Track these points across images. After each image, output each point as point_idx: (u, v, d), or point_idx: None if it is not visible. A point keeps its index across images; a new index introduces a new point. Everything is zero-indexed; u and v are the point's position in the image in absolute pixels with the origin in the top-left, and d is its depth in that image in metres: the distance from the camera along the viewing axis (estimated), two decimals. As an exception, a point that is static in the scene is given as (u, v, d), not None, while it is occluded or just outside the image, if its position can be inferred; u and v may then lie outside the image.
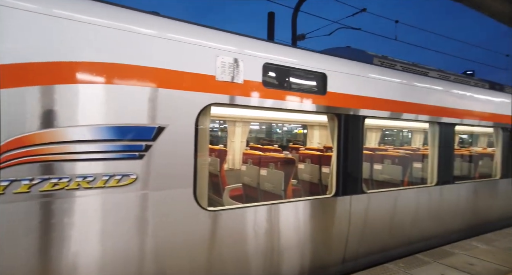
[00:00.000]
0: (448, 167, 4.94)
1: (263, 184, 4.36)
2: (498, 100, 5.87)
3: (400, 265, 3.73)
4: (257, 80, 3.05)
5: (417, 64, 5.08)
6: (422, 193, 4.64)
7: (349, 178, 3.75)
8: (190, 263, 2.69)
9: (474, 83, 5.85)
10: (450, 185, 4.97)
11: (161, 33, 2.55)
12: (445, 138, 4.89)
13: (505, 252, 4.30)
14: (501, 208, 6.05)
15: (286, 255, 3.27)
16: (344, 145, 3.71)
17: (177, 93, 2.59)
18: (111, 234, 2.36)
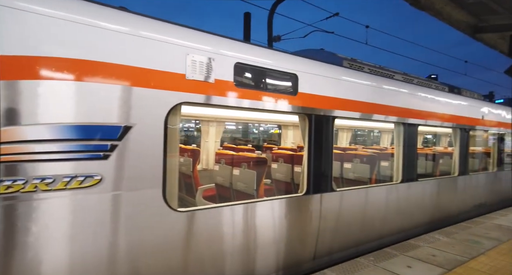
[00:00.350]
0: (412, 165, 5.19)
1: (235, 183, 4.38)
2: (456, 103, 6.26)
3: (370, 259, 3.91)
4: (229, 80, 3.05)
5: (384, 68, 5.30)
6: (388, 190, 4.85)
7: (319, 176, 3.85)
8: (162, 265, 2.65)
9: (435, 86, 6.17)
10: (413, 182, 5.24)
11: (127, 29, 2.47)
12: (409, 137, 5.13)
13: (463, 243, 4.65)
14: (460, 202, 6.45)
15: (257, 254, 3.30)
16: (315, 145, 3.80)
17: (145, 91, 2.52)
18: (75, 238, 2.25)
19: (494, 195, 7.69)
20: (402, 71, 5.70)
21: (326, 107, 3.91)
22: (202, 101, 2.87)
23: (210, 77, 2.90)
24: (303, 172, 3.81)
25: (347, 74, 4.28)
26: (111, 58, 2.38)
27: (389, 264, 3.77)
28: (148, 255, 2.58)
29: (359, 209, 4.40)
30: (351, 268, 3.63)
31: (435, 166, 6.99)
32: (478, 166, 7.63)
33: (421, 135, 11.11)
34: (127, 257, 2.47)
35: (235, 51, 3.12)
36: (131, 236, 2.48)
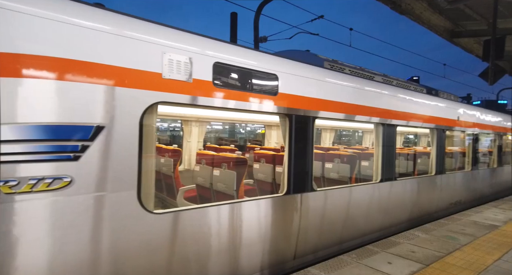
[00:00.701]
0: (391, 165, 5.30)
1: (215, 184, 4.34)
2: (433, 104, 6.43)
3: (353, 256, 4.02)
4: (207, 80, 3.01)
5: (364, 69, 5.41)
6: (368, 189, 4.93)
7: (299, 176, 3.86)
8: (137, 268, 2.59)
9: (414, 88, 6.35)
10: (392, 181, 5.35)
11: (100, 26, 2.39)
12: (388, 138, 5.23)
13: (440, 239, 4.85)
14: (437, 200, 6.65)
15: (237, 256, 3.28)
16: (295, 145, 3.81)
17: (119, 90, 2.45)
18: (42, 244, 2.15)
19: (470, 193, 7.94)
20: (382, 73, 5.82)
21: (306, 107, 3.93)
22: (180, 101, 2.82)
23: (188, 77, 2.86)
24: (283, 172, 3.81)
25: (327, 75, 4.31)
26: (82, 56, 2.30)
27: (371, 261, 3.89)
28: (125, 259, 2.51)
29: (340, 208, 4.45)
30: (334, 265, 3.72)
31: (413, 165, 7.16)
32: (455, 165, 7.92)
33: (402, 135, 11.40)
34: (102, 261, 2.40)
35: (214, 51, 3.09)
36: (105, 240, 2.41)
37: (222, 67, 3.14)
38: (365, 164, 6.23)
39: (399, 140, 11.27)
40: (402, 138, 11.55)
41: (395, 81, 5.92)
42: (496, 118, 9.25)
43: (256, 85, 3.45)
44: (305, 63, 4.07)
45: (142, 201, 2.59)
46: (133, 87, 2.53)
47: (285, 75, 3.69)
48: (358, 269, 3.63)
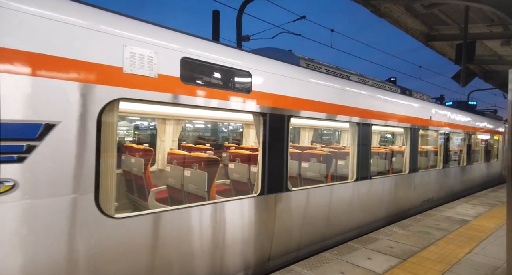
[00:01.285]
0: (366, 164, 5.34)
1: (186, 185, 4.17)
2: (407, 104, 6.57)
3: (334, 253, 4.12)
4: (175, 75, 2.83)
5: (340, 68, 5.42)
6: (343, 188, 4.94)
7: (274, 176, 3.77)
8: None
9: (389, 88, 6.47)
10: (367, 180, 5.39)
11: (51, 14, 2.16)
12: (363, 137, 5.26)
13: (417, 234, 5.06)
14: (410, 198, 6.79)
15: (209, 259, 3.16)
16: (269, 144, 3.71)
17: (72, 85, 2.23)
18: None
19: (442, 190, 8.20)
20: (358, 72, 5.91)
21: (281, 106, 3.84)
22: (144, 97, 2.63)
23: (153, 72, 2.67)
24: (257, 173, 3.70)
25: (303, 73, 4.24)
26: (26, 46, 2.06)
27: (351, 257, 4.00)
28: (85, 267, 2.34)
29: (315, 208, 4.41)
30: (317, 263, 3.79)
31: (388, 164, 7.27)
32: (427, 163, 8.14)
33: (379, 135, 11.67)
34: (54, 270, 2.21)
35: (182, 45, 2.91)
36: (58, 249, 2.21)
37: (191, 62, 2.97)
38: (342, 163, 6.28)
39: (376, 139, 11.51)
40: (379, 137, 11.80)
41: (370, 81, 5.99)
42: (466, 118, 9.57)
43: (228, 82, 3.30)
44: (280, 61, 3.99)
45: (100, 205, 2.40)
46: (89, 82, 2.32)
47: (259, 73, 3.57)
48: (340, 265, 3.72)
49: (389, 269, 3.66)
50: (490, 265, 3.87)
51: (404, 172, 6.66)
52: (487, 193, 9.43)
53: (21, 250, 2.07)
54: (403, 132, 6.83)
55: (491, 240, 4.84)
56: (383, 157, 7.27)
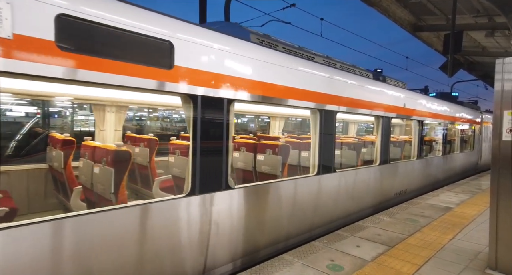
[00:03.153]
0: (329, 155, 4.81)
1: (96, 185, 3.48)
2: (379, 90, 6.01)
3: (324, 242, 4.16)
4: (46, 38, 2.10)
5: (303, 48, 4.91)
6: (301, 184, 4.37)
7: (209, 173, 3.15)
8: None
9: (359, 72, 5.96)
10: (330, 173, 4.84)
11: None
12: (326, 125, 4.69)
13: (403, 222, 5.18)
14: (381, 192, 6.32)
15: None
16: (203, 134, 3.09)
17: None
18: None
19: (416, 182, 7.82)
20: (325, 54, 5.42)
21: (219, 87, 3.20)
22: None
23: (2, 30, 1.93)
24: (188, 168, 3.06)
25: (252, 49, 3.63)
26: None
27: (340, 245, 4.05)
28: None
29: (265, 208, 3.85)
30: (307, 251, 3.82)
31: (356, 155, 6.69)
32: (400, 154, 7.83)
33: (355, 124, 11.19)
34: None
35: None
36: None
37: (74, 22, 2.21)
38: (305, 154, 5.78)
39: (353, 129, 11.05)
40: (356, 127, 11.23)
41: (338, 64, 5.52)
42: (443, 107, 9.21)
43: (136, 53, 2.56)
44: (218, 32, 3.30)
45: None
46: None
47: (185, 45, 2.88)
48: (330, 253, 3.76)
49: (377, 256, 3.73)
50: (472, 250, 4.01)
51: (375, 164, 6.22)
52: (469, 181, 9.76)
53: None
54: (374, 121, 6.33)
55: (473, 226, 5.01)
56: (351, 147, 6.74)
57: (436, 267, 3.48)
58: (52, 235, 2.19)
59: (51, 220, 2.18)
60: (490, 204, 3.39)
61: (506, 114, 3.29)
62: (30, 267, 2.12)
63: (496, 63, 3.39)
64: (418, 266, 3.48)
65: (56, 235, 2.21)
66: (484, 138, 13.32)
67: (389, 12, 8.61)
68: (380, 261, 3.59)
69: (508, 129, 3.26)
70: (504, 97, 3.31)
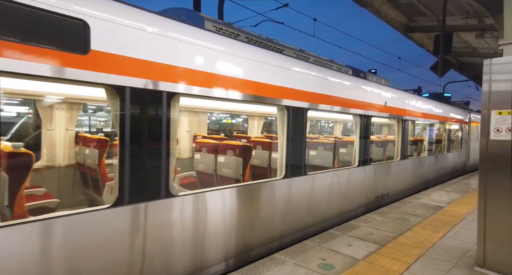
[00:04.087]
0: (299, 157, 4.38)
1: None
2: (358, 87, 5.64)
3: (316, 241, 4.17)
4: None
5: (272, 40, 4.60)
6: (263, 189, 3.88)
7: (142, 179, 2.67)
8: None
9: (337, 68, 5.64)
10: (300, 177, 4.40)
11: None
12: (296, 124, 4.29)
13: (395, 221, 5.23)
14: (363, 194, 5.95)
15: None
16: (134, 133, 2.61)
17: None
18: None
19: (399, 184, 7.38)
20: (298, 47, 5.07)
21: (157, 78, 2.73)
22: None
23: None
24: (115, 174, 2.62)
25: (204, 38, 3.17)
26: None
27: (332, 244, 4.07)
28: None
29: (216, 218, 3.34)
30: (299, 250, 3.83)
31: (333, 156, 6.31)
32: (382, 155, 7.50)
33: (341, 124, 10.85)
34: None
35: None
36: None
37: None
38: (266, 156, 5.40)
39: (339, 129, 10.67)
40: (342, 126, 10.70)
41: (312, 58, 5.16)
42: (430, 106, 8.81)
43: (37, 33, 2.09)
44: (157, 15, 2.86)
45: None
46: None
47: (107, 26, 2.42)
48: (321, 253, 3.78)
49: (368, 255, 3.76)
50: (462, 248, 4.06)
51: (353, 165, 5.76)
52: (460, 181, 9.89)
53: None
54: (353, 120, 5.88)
55: (463, 225, 5.08)
56: (327, 148, 6.27)
57: (426, 265, 3.52)
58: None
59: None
60: (478, 202, 3.45)
61: (493, 114, 3.34)
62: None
63: (484, 64, 3.44)
64: (408, 265, 3.52)
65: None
66: (472, 138, 13.02)
67: (381, 13, 8.69)
68: (371, 260, 3.62)
69: (495, 129, 3.32)
70: (491, 97, 3.36)
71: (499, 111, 3.30)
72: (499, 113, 3.30)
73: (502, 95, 3.28)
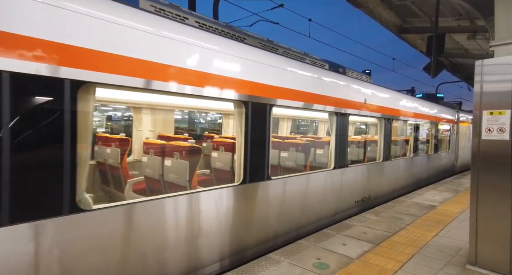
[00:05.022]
0: (260, 160, 3.85)
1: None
2: (333, 82, 5.14)
3: (311, 240, 4.19)
4: None
5: (232, 27, 4.17)
6: (213, 198, 3.33)
7: (30, 189, 2.05)
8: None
9: (311, 61, 5.23)
10: (263, 182, 3.88)
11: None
12: (255, 122, 3.76)
13: (388, 220, 5.28)
14: (340, 200, 5.53)
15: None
16: (17, 131, 2.00)
17: None
18: None
19: (382, 187, 6.98)
20: (265, 37, 4.64)
21: (53, 61, 2.11)
22: None
23: None
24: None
25: (133, 17, 2.61)
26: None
27: (327, 244, 4.09)
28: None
29: (141, 237, 2.69)
30: (293, 250, 3.84)
31: (304, 158, 5.66)
32: (362, 156, 7.12)
33: (325, 123, 10.00)
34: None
35: None
36: None
37: None
38: (219, 159, 4.96)
39: (324, 128, 9.99)
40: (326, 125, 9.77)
41: (281, 49, 4.73)
42: (415, 104, 8.35)
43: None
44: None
45: None
46: None
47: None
48: (316, 252, 3.80)
49: (363, 254, 3.79)
50: (454, 247, 4.12)
51: (329, 168, 5.26)
52: (452, 180, 10.02)
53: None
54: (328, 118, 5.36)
55: (455, 224, 5.15)
56: (299, 149, 5.62)
57: (419, 264, 3.56)
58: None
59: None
60: (470, 201, 3.50)
61: (485, 114, 3.39)
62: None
63: (476, 65, 3.49)
64: (402, 263, 3.55)
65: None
66: (461, 138, 12.70)
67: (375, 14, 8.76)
68: (366, 259, 3.64)
69: (487, 129, 3.37)
70: (483, 98, 3.41)
71: (491, 112, 3.35)
72: (490, 113, 3.36)
73: (494, 95, 3.33)
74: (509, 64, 3.24)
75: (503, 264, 3.27)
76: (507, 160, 3.23)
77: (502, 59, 3.34)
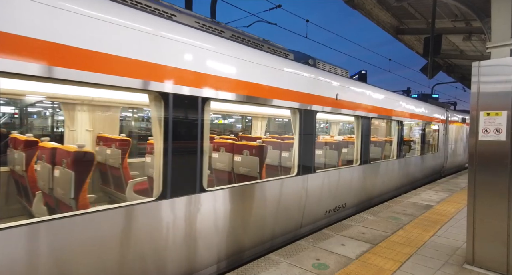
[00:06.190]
0: (192, 167, 3.08)
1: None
2: (298, 75, 4.45)
3: (310, 241, 4.20)
4: None
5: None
6: (170, 208, 2.88)
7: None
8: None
9: (270, 49, 4.59)
10: (212, 192, 3.29)
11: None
12: (183, 121, 2.98)
13: (386, 220, 5.30)
14: (306, 210, 4.75)
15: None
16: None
17: None
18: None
19: (359, 193, 6.26)
20: (211, 18, 4.08)
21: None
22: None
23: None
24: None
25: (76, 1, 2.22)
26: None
27: (326, 244, 4.10)
28: None
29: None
30: (293, 250, 3.84)
31: (258, 163, 4.62)
32: (335, 160, 6.45)
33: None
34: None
35: None
36: None
37: None
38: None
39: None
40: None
41: (229, 32, 4.09)
42: (399, 102, 7.63)
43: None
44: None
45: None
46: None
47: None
48: (315, 252, 3.80)
49: (361, 254, 3.80)
50: (451, 246, 4.15)
51: (292, 174, 4.48)
52: (448, 180, 10.11)
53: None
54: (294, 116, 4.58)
55: (452, 223, 5.20)
56: (253, 152, 4.66)
57: (417, 264, 3.58)
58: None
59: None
60: (468, 201, 3.53)
61: (482, 115, 3.43)
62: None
63: (473, 66, 3.53)
64: (400, 263, 3.57)
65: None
66: (451, 138, 12.14)
67: (372, 15, 8.82)
68: (364, 259, 3.66)
69: (484, 130, 3.40)
70: (480, 99, 3.45)
71: (487, 112, 3.39)
72: (487, 114, 3.39)
73: (490, 96, 3.37)
74: (505, 66, 3.28)
75: (500, 264, 3.31)
76: (504, 160, 3.27)
77: (499, 60, 3.38)
